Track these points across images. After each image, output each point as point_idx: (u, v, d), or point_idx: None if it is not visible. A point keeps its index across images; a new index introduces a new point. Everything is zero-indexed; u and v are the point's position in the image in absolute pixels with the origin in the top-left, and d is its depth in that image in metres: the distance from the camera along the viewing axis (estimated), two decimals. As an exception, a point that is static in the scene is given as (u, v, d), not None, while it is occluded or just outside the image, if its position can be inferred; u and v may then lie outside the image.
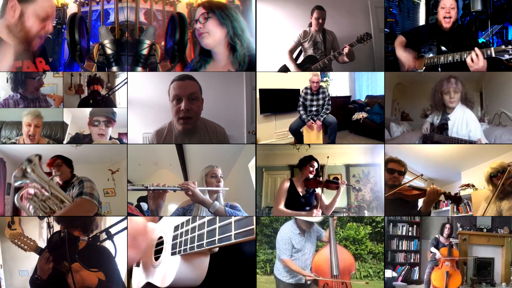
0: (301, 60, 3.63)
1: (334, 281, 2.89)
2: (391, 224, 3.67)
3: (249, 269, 3.10)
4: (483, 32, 3.52)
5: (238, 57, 3.08)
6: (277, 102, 3.65)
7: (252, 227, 1.71)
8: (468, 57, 3.11)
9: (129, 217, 2.82)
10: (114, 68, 3.31)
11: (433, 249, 3.42)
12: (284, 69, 3.56)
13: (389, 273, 3.47)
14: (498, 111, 3.36)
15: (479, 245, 3.53)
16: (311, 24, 3.61)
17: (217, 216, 2.63)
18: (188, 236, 2.15)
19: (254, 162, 3.28)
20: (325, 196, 3.29)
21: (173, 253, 2.28)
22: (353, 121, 3.74)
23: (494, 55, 3.06)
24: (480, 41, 3.48)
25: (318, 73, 3.57)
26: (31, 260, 3.09)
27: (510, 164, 3.14)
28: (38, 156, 3.14)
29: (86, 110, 3.39)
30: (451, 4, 3.31)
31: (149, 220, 2.82)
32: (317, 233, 3.12)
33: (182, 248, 2.19)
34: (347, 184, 3.38)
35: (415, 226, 3.69)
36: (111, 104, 3.39)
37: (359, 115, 3.71)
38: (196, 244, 2.05)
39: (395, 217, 3.60)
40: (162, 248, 2.47)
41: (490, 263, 3.54)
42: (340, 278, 2.90)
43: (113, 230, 2.61)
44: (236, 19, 3.09)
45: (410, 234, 3.69)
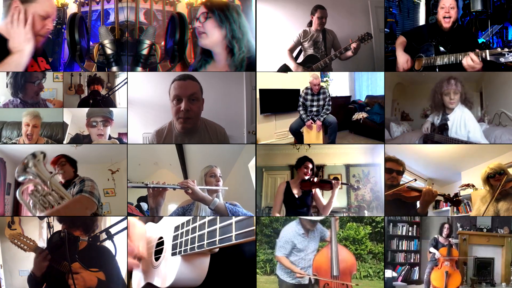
0: (302, 60, 3.63)
1: (334, 282, 2.89)
2: (391, 224, 3.67)
3: (249, 269, 3.10)
4: (483, 32, 3.52)
5: (235, 61, 3.07)
6: (277, 102, 3.65)
7: (253, 228, 1.71)
8: (464, 60, 3.10)
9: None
10: (114, 68, 3.31)
11: (432, 249, 3.42)
12: (284, 69, 3.56)
13: (389, 273, 3.47)
14: (498, 111, 3.36)
15: (479, 245, 3.54)
16: (311, 24, 3.61)
17: (218, 214, 2.67)
18: (189, 237, 2.15)
19: (254, 162, 3.28)
20: (324, 196, 3.31)
21: (174, 254, 2.28)
22: (353, 121, 3.74)
23: (489, 58, 3.05)
24: (480, 41, 3.48)
25: (318, 75, 3.57)
26: (31, 260, 3.08)
27: (509, 166, 3.16)
28: (43, 154, 3.14)
29: (86, 110, 3.38)
30: (451, 4, 3.31)
31: (149, 221, 2.81)
32: (321, 233, 3.12)
33: (183, 249, 2.19)
34: (343, 183, 3.38)
35: (415, 226, 3.69)
36: (111, 104, 3.39)
37: (359, 115, 3.71)
38: (197, 245, 2.05)
39: (395, 217, 3.61)
40: (163, 249, 2.47)
41: (490, 263, 3.54)
42: (341, 279, 2.89)
43: (113, 230, 2.61)
44: (236, 22, 3.07)
45: (410, 234, 3.69)
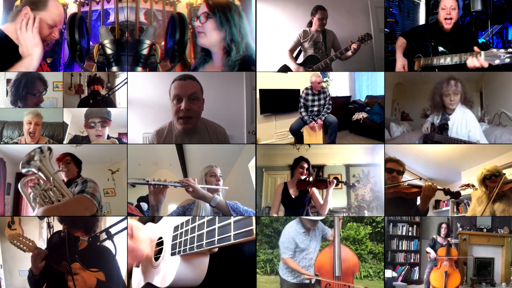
0: (302, 60, 3.63)
1: (335, 282, 2.89)
2: (391, 224, 3.67)
3: (249, 269, 3.10)
4: (483, 32, 3.52)
5: (229, 62, 3.07)
6: (277, 102, 3.65)
7: (252, 228, 1.71)
8: (470, 61, 3.09)
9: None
10: (114, 68, 3.31)
11: (428, 249, 3.44)
12: (284, 69, 3.56)
13: (389, 273, 3.47)
14: (498, 111, 3.36)
15: (479, 245, 3.54)
16: (311, 24, 3.61)
17: (219, 211, 2.66)
18: (188, 237, 2.15)
19: (254, 162, 3.28)
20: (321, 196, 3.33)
21: (173, 254, 2.28)
22: (353, 121, 3.74)
23: (484, 60, 3.04)
24: (480, 41, 3.48)
25: (319, 74, 3.57)
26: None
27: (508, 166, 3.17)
28: (50, 149, 3.14)
29: (85, 111, 3.39)
30: (452, 5, 3.30)
31: (149, 221, 2.81)
32: (323, 232, 3.12)
33: (182, 249, 2.19)
34: (339, 181, 3.39)
35: (415, 226, 3.69)
36: (111, 104, 3.39)
37: (359, 115, 3.71)
38: (196, 245, 2.05)
39: (395, 217, 3.60)
40: (162, 249, 2.47)
41: (490, 263, 3.54)
42: (343, 279, 2.89)
43: (113, 230, 2.61)
44: (237, 25, 3.06)
45: (410, 234, 3.69)
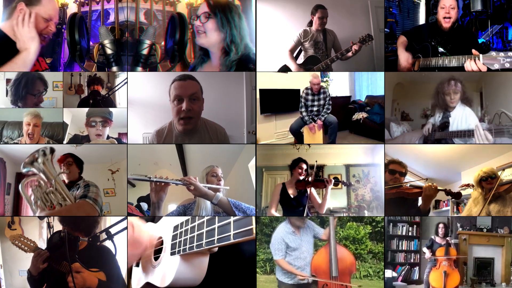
0: (303, 61, 3.63)
1: (332, 282, 2.89)
2: (391, 224, 3.67)
3: (249, 269, 3.10)
4: (483, 32, 3.52)
5: (227, 62, 3.07)
6: (277, 102, 3.65)
7: (251, 227, 1.71)
8: (467, 64, 3.10)
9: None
10: (114, 68, 3.31)
11: (424, 249, 3.46)
12: (285, 69, 3.56)
13: (389, 273, 3.47)
14: (498, 111, 3.36)
15: (479, 245, 3.53)
16: (311, 24, 3.61)
17: (221, 208, 2.66)
18: (188, 236, 2.15)
19: (254, 162, 3.28)
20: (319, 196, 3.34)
21: (173, 253, 2.28)
22: (353, 121, 3.74)
23: (483, 63, 3.04)
24: (480, 41, 3.48)
25: (318, 74, 3.57)
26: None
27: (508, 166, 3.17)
28: (52, 151, 3.14)
29: (86, 110, 3.39)
30: (451, 4, 3.31)
31: (149, 221, 2.81)
32: (313, 231, 3.13)
33: (182, 248, 2.19)
34: (338, 181, 3.40)
35: (415, 226, 3.69)
36: (111, 104, 3.39)
37: (359, 115, 3.71)
38: (195, 244, 2.05)
39: (395, 217, 3.60)
40: (162, 248, 2.47)
41: (490, 263, 3.53)
42: (340, 279, 2.89)
43: (113, 230, 2.61)
44: (237, 26, 3.06)
45: (410, 234, 3.69)
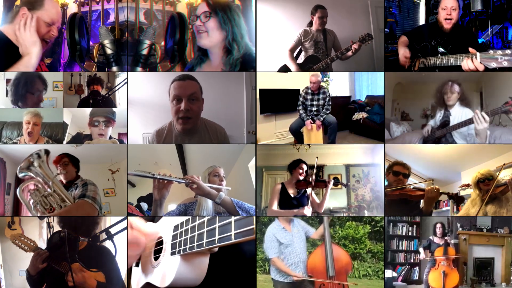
0: (303, 60, 3.63)
1: (330, 282, 2.89)
2: (391, 224, 3.67)
3: (249, 269, 3.10)
4: (483, 32, 3.52)
5: (231, 61, 3.07)
6: (277, 102, 3.65)
7: (252, 227, 1.71)
8: (464, 62, 3.10)
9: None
10: (114, 68, 3.31)
11: (420, 249, 3.48)
12: (284, 69, 3.56)
13: (389, 273, 3.47)
14: (497, 110, 3.36)
15: (479, 245, 3.53)
16: (311, 24, 3.61)
17: (224, 208, 2.65)
18: (188, 236, 2.16)
19: (254, 162, 3.28)
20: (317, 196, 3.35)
21: (173, 253, 2.28)
22: (353, 121, 3.74)
23: (480, 62, 3.04)
24: (480, 41, 3.48)
25: (318, 74, 3.57)
26: (31, 260, 3.09)
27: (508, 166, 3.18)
28: (47, 152, 3.14)
29: (86, 110, 3.39)
30: (453, 6, 3.30)
31: (149, 221, 2.81)
32: (304, 229, 3.14)
33: (182, 248, 2.19)
34: (337, 181, 3.42)
35: (415, 226, 3.68)
36: (111, 104, 3.39)
37: (359, 115, 3.71)
38: (196, 244, 2.05)
39: (395, 217, 3.60)
40: (162, 248, 2.47)
41: (490, 263, 3.54)
42: (336, 279, 2.89)
43: (113, 230, 2.61)
44: (238, 24, 3.07)
45: (410, 234, 3.69)
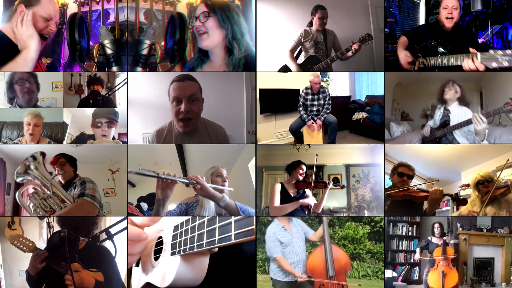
0: (303, 60, 3.63)
1: (330, 282, 2.89)
2: (391, 224, 3.67)
3: (249, 269, 3.10)
4: (483, 32, 3.52)
5: (234, 61, 3.08)
6: (277, 102, 3.65)
7: (252, 227, 1.71)
8: (465, 62, 3.12)
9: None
10: (114, 68, 3.31)
11: (417, 250, 3.51)
12: (285, 69, 3.56)
13: (389, 273, 3.47)
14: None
15: (479, 245, 3.53)
16: (311, 24, 3.61)
17: (227, 212, 2.65)
18: (188, 236, 2.15)
19: (254, 162, 3.28)
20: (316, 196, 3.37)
21: (173, 253, 2.28)
22: (353, 121, 3.74)
23: (480, 62, 3.06)
24: (480, 41, 3.48)
25: (318, 74, 3.57)
26: (31, 260, 3.09)
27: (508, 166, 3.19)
28: (42, 154, 3.14)
29: (86, 110, 3.39)
30: (454, 5, 3.31)
31: (148, 220, 2.81)
32: (303, 230, 3.14)
33: (182, 248, 2.18)
34: (337, 181, 3.44)
35: (415, 226, 3.69)
36: (111, 104, 3.39)
37: (359, 115, 3.71)
38: (196, 244, 2.05)
39: (395, 217, 3.60)
40: (162, 248, 2.47)
41: (490, 263, 3.54)
42: (336, 279, 2.90)
43: (113, 230, 2.61)
44: (237, 23, 3.07)
45: (410, 234, 3.69)
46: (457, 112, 3.34)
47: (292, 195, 3.29)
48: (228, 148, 3.30)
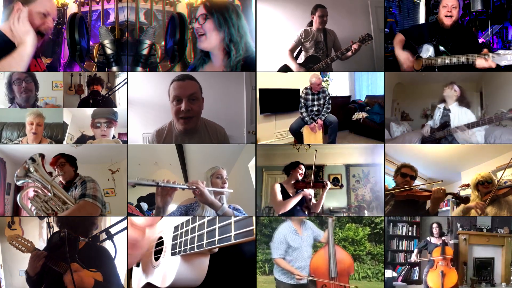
0: (303, 60, 3.63)
1: (331, 283, 2.89)
2: (391, 224, 3.67)
3: (249, 269, 3.10)
4: (483, 32, 3.52)
5: (231, 63, 3.08)
6: (277, 102, 3.65)
7: (252, 228, 1.71)
8: (478, 61, 3.14)
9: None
10: (114, 68, 3.31)
11: (415, 250, 3.51)
12: (285, 69, 3.56)
13: (389, 273, 3.47)
14: (498, 111, 3.36)
15: (479, 245, 3.53)
16: (312, 24, 3.61)
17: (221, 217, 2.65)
18: (188, 237, 2.16)
19: (254, 162, 3.28)
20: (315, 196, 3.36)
21: (173, 254, 2.28)
22: (353, 121, 3.74)
23: (492, 61, 3.08)
24: (480, 41, 3.48)
25: (319, 75, 3.57)
26: (30, 260, 3.09)
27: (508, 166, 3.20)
28: (41, 156, 3.14)
29: (86, 110, 3.39)
30: (453, 4, 3.32)
31: (148, 221, 2.81)
32: (314, 232, 3.14)
33: (182, 249, 2.19)
34: (337, 181, 3.45)
35: (415, 226, 3.69)
36: (111, 104, 3.39)
37: (359, 115, 3.71)
38: (196, 245, 2.05)
39: (395, 217, 3.60)
40: (162, 249, 2.47)
41: (490, 263, 3.54)
42: (338, 280, 2.90)
43: (113, 230, 2.61)
44: (235, 25, 3.06)
45: (410, 234, 3.69)
46: (457, 112, 3.35)
47: (291, 195, 3.29)
48: (228, 148, 3.30)
